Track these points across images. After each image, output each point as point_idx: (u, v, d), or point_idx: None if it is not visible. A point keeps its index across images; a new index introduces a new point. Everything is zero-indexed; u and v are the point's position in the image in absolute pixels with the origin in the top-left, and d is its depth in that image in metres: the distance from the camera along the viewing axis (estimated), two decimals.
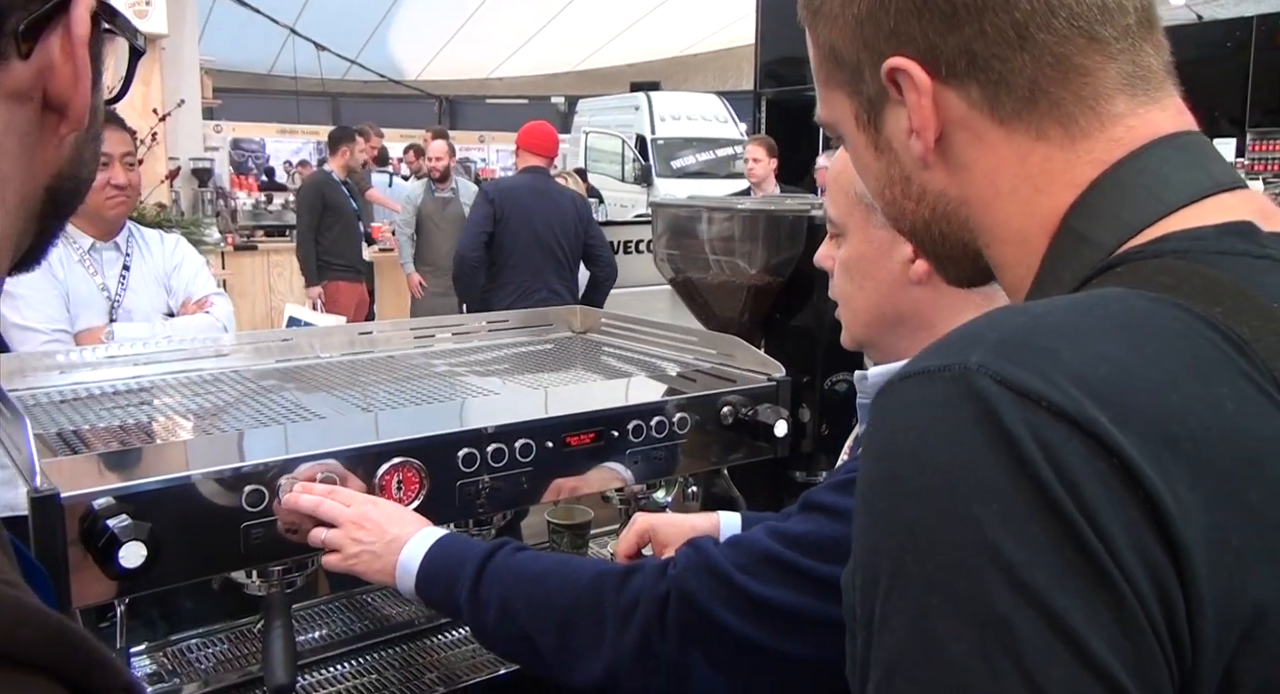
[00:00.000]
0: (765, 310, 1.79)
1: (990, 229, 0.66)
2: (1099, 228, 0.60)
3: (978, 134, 0.64)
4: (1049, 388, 0.49)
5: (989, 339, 0.52)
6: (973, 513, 0.48)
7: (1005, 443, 0.48)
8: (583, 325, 2.12)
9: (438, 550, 1.15)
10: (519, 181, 4.86)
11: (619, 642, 1.03)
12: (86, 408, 1.45)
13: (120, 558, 1.01)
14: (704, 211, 1.90)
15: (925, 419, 0.52)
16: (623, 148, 13.44)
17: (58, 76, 0.49)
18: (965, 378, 0.51)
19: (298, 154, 13.42)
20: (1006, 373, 0.50)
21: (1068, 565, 0.47)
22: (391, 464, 1.23)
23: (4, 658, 0.38)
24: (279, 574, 1.25)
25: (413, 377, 1.67)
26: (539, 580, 1.09)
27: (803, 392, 1.68)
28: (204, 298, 2.52)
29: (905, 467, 0.52)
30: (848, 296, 1.14)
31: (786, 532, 1.03)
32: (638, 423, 1.43)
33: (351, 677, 1.41)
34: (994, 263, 0.68)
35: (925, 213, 0.69)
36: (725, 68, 16.70)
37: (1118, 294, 0.55)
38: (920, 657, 0.49)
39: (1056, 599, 0.46)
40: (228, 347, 1.77)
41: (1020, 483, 0.48)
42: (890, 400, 0.54)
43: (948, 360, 0.52)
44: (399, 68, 18.70)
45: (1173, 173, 0.61)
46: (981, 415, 0.49)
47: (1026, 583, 0.47)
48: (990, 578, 0.47)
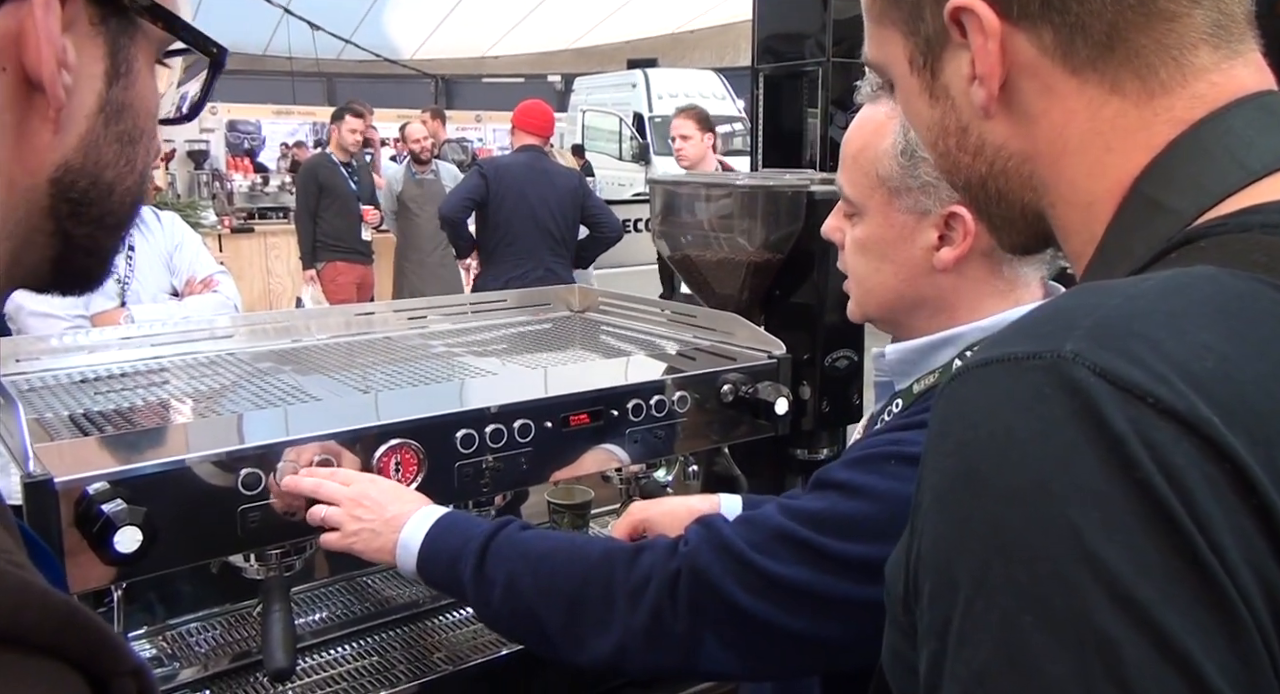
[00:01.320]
0: (765, 287, 1.78)
1: (1056, 187, 0.60)
2: (1176, 194, 0.55)
3: (1047, 83, 0.58)
4: (1155, 382, 0.44)
5: (1083, 324, 0.47)
6: (1070, 518, 0.43)
7: (1107, 442, 0.44)
8: (581, 304, 2.11)
9: (440, 529, 1.14)
10: (515, 160, 4.84)
11: (630, 620, 1.02)
12: (81, 392, 1.43)
13: (115, 543, 1.00)
14: (702, 188, 1.87)
15: (1013, 411, 0.47)
16: (620, 126, 13.38)
17: (29, 47, 0.46)
18: (1059, 367, 0.46)
19: (294, 135, 13.36)
20: (1107, 363, 0.45)
21: (1178, 580, 0.42)
22: (389, 446, 1.22)
23: (11, 640, 0.37)
24: (277, 557, 1.24)
25: (410, 358, 1.66)
26: (546, 559, 1.08)
27: (803, 369, 1.67)
28: (209, 277, 2.51)
29: (989, 463, 0.47)
30: (862, 275, 1.11)
31: (800, 509, 1.01)
32: (637, 402, 1.42)
33: (352, 659, 1.41)
34: (1057, 226, 0.62)
35: (982, 168, 0.63)
36: (723, 44, 16.59)
37: (1211, 274, 0.50)
38: (1011, 677, 0.44)
39: (1166, 617, 0.42)
40: (223, 329, 1.75)
41: (1125, 487, 0.43)
42: (969, 388, 0.50)
43: (1038, 346, 0.47)
44: (394, 47, 18.58)
45: (1257, 136, 0.55)
46: (1080, 410, 0.45)
47: (1132, 598, 0.42)
48: (1091, 592, 0.43)
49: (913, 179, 1.02)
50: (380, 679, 1.35)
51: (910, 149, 1.01)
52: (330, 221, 6.26)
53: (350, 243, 6.35)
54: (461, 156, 9.53)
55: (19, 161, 0.48)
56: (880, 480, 0.96)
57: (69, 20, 0.48)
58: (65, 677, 0.39)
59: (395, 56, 18.63)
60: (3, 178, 0.48)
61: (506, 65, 19.59)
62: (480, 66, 19.94)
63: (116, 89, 0.51)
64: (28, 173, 0.49)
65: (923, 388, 1.07)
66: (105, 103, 0.51)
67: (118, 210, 0.54)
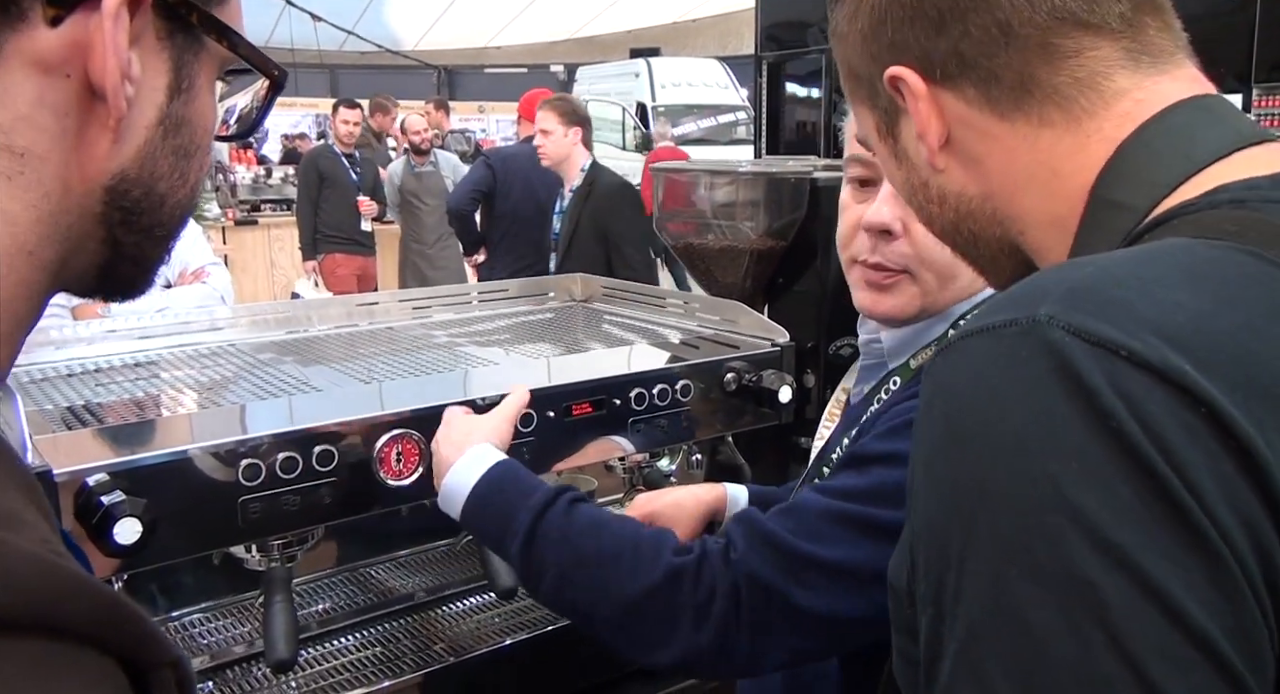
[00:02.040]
0: (768, 275, 1.77)
1: (1021, 216, 0.65)
2: (1130, 192, 0.59)
3: (982, 130, 0.64)
4: (1127, 336, 0.46)
5: (1056, 291, 0.50)
6: (1050, 471, 0.45)
7: (1084, 396, 0.46)
8: (583, 293, 2.10)
9: (487, 485, 1.09)
10: (521, 150, 4.82)
11: (695, 637, 1.00)
12: (81, 384, 1.43)
13: (115, 534, 0.99)
14: (704, 175, 1.86)
15: (994, 375, 0.49)
16: (623, 115, 13.35)
17: (95, 57, 0.47)
18: (1036, 331, 0.48)
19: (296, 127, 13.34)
20: (1080, 323, 0.47)
21: (1157, 523, 0.44)
22: (391, 436, 1.21)
23: (57, 630, 0.38)
24: (279, 548, 1.24)
25: (412, 348, 1.65)
26: (604, 559, 1.03)
27: (807, 356, 1.66)
28: (200, 268, 2.48)
29: (973, 426, 0.49)
30: (951, 260, 1.03)
31: (845, 487, 1.00)
32: (640, 391, 1.41)
33: (354, 650, 1.41)
34: (1031, 249, 0.66)
35: (950, 214, 0.69)
36: (726, 33, 16.53)
37: (1181, 243, 0.53)
38: (1000, 627, 0.46)
39: (1146, 560, 0.43)
40: (225, 320, 1.75)
41: (1102, 438, 0.45)
42: (952, 359, 0.52)
43: (1014, 314, 0.50)
44: (396, 38, 18.56)
45: (1198, 130, 0.59)
46: (1056, 368, 0.47)
47: (1113, 543, 0.44)
48: (1073, 540, 0.44)
49: None
50: (383, 670, 1.35)
51: None
52: (330, 213, 6.25)
53: (350, 234, 6.34)
54: (465, 147, 9.51)
55: (77, 167, 0.49)
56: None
57: (136, 34, 0.49)
58: (107, 668, 0.39)
59: (397, 47, 18.61)
60: (60, 182, 0.48)
61: (509, 55, 19.55)
62: (482, 57, 19.90)
63: (177, 103, 0.53)
64: (84, 179, 0.50)
65: (920, 362, 1.08)
66: (165, 116, 0.52)
67: (167, 222, 0.55)
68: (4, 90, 0.46)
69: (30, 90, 0.46)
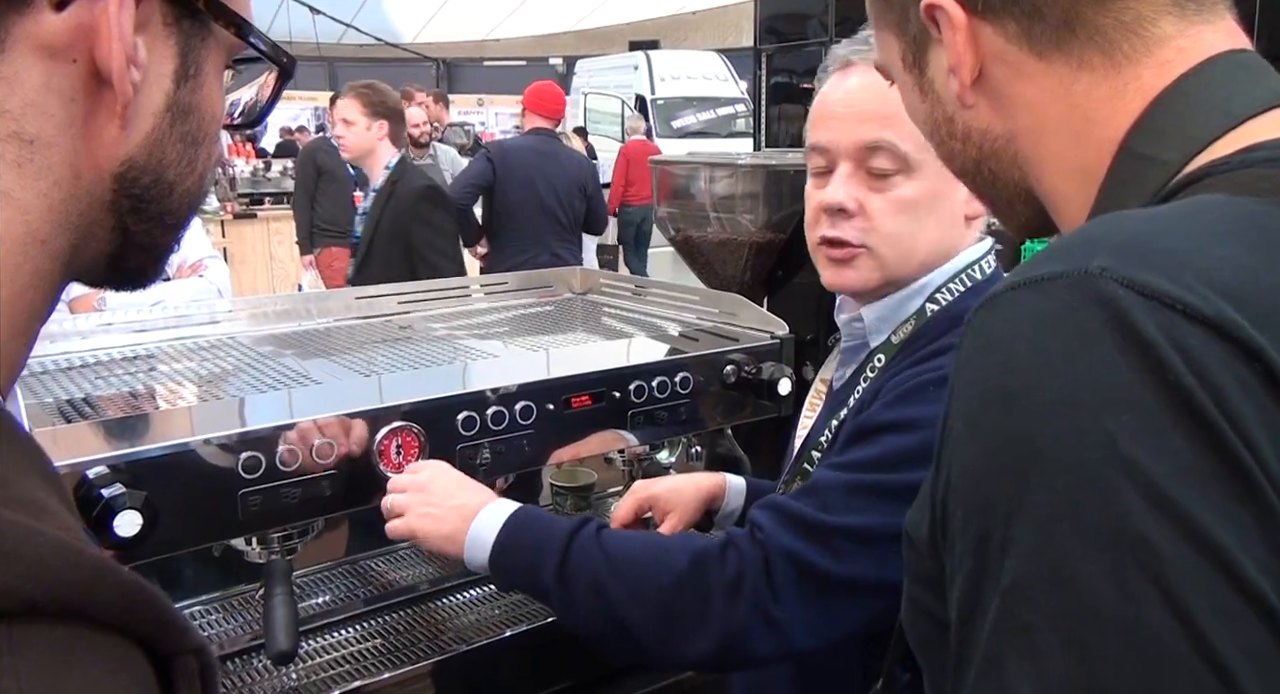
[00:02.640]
0: (767, 268, 1.77)
1: (1044, 161, 0.63)
2: (1163, 146, 0.57)
3: (1017, 68, 0.62)
4: (1183, 290, 0.45)
5: (1107, 243, 0.49)
6: (1104, 426, 0.44)
7: (1139, 349, 0.45)
8: (583, 286, 2.10)
9: (517, 523, 1.11)
10: (523, 143, 4.80)
11: (730, 615, 1.01)
12: (81, 376, 1.43)
13: (116, 527, 0.99)
14: (704, 168, 1.86)
15: (1045, 328, 0.48)
16: (622, 108, 13.33)
17: (101, 42, 0.47)
18: (1088, 283, 0.47)
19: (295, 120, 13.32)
20: (1134, 275, 0.46)
21: (1214, 479, 0.43)
22: (391, 428, 1.21)
23: (81, 616, 0.38)
24: (279, 541, 1.24)
25: (411, 340, 1.65)
26: (633, 561, 1.05)
27: (806, 349, 1.66)
28: (197, 261, 2.46)
29: (1021, 380, 0.48)
30: (904, 235, 1.10)
31: (857, 460, 1.03)
32: (640, 383, 1.42)
33: (355, 642, 1.41)
34: (1050, 198, 0.64)
35: (973, 153, 0.67)
36: (725, 25, 16.50)
37: (1222, 200, 0.52)
38: (1049, 583, 0.45)
39: (1201, 515, 0.43)
40: (224, 313, 1.74)
41: (1158, 392, 0.44)
42: (999, 311, 0.50)
43: (1065, 266, 0.48)
44: (395, 31, 18.52)
45: (1237, 85, 0.58)
46: (1110, 320, 0.46)
47: (1168, 498, 0.43)
48: (1127, 494, 0.43)
49: None
50: (383, 662, 1.35)
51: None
52: (327, 206, 6.24)
53: (346, 227, 6.32)
54: (464, 140, 9.49)
55: (86, 154, 0.49)
56: (928, 407, 0.98)
57: (143, 19, 0.49)
58: (131, 654, 0.40)
59: (396, 40, 18.57)
60: (69, 169, 0.48)
61: (508, 48, 19.52)
62: (481, 49, 19.87)
63: (184, 90, 0.52)
64: (93, 166, 0.49)
65: (902, 337, 1.10)
66: (173, 103, 0.52)
67: (177, 210, 0.55)
68: (13, 76, 0.45)
69: (37, 76, 0.46)
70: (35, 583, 0.37)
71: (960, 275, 1.11)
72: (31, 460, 0.44)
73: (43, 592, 0.37)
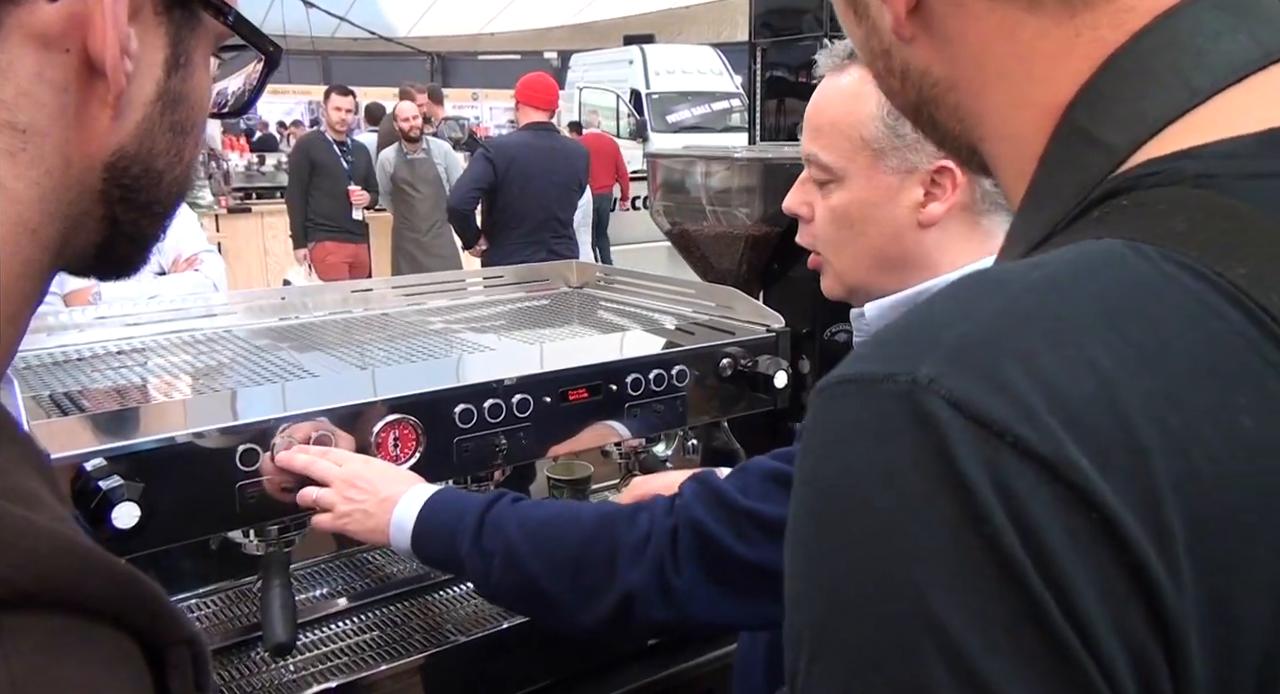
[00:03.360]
0: (763, 261, 1.77)
1: (983, 120, 0.55)
2: (1109, 124, 0.48)
3: (958, 2, 0.52)
4: (1018, 418, 0.38)
5: (948, 339, 0.41)
6: (913, 577, 0.38)
7: (955, 488, 0.38)
8: (579, 280, 2.10)
9: (433, 506, 1.14)
10: (520, 140, 4.76)
11: (631, 576, 1.02)
12: (77, 370, 1.43)
13: (113, 519, 0.99)
14: (700, 161, 1.87)
15: (859, 446, 0.41)
16: (617, 103, 13.32)
17: (94, 31, 0.47)
18: (912, 395, 0.39)
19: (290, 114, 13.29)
20: (964, 393, 0.38)
21: (1028, 656, 0.37)
22: (387, 421, 1.22)
23: (76, 606, 0.38)
24: (276, 533, 1.24)
25: (408, 334, 1.65)
26: (544, 525, 1.08)
27: (802, 342, 1.67)
28: (193, 255, 2.44)
29: (832, 506, 0.42)
30: (841, 244, 1.10)
31: (789, 451, 1.03)
32: (636, 376, 1.42)
33: (352, 634, 1.41)
34: (991, 162, 0.56)
35: (912, 95, 0.58)
36: (720, 19, 16.49)
37: (1117, 257, 0.42)
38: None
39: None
40: (220, 306, 1.74)
41: (974, 544, 0.37)
42: (822, 410, 0.43)
43: (894, 366, 0.40)
44: (389, 25, 18.48)
45: (1208, 43, 0.47)
46: (927, 448, 0.39)
47: (977, 674, 0.37)
48: (933, 663, 0.38)
49: (899, 139, 1.02)
50: (381, 654, 1.36)
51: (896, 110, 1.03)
52: (321, 201, 6.23)
53: (340, 222, 6.31)
54: (459, 134, 9.48)
55: (77, 144, 0.49)
56: None
57: (135, 8, 0.49)
58: (124, 645, 0.40)
59: (390, 34, 18.53)
60: (60, 158, 0.48)
61: (502, 42, 19.48)
62: (476, 43, 19.83)
63: (175, 79, 0.52)
64: (84, 156, 0.49)
65: None
66: (163, 92, 0.52)
67: (165, 199, 0.54)
68: (6, 65, 0.45)
69: (30, 65, 0.46)
70: (29, 573, 0.37)
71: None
72: (25, 453, 0.44)
73: (36, 581, 0.37)
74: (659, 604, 1.02)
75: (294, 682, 1.30)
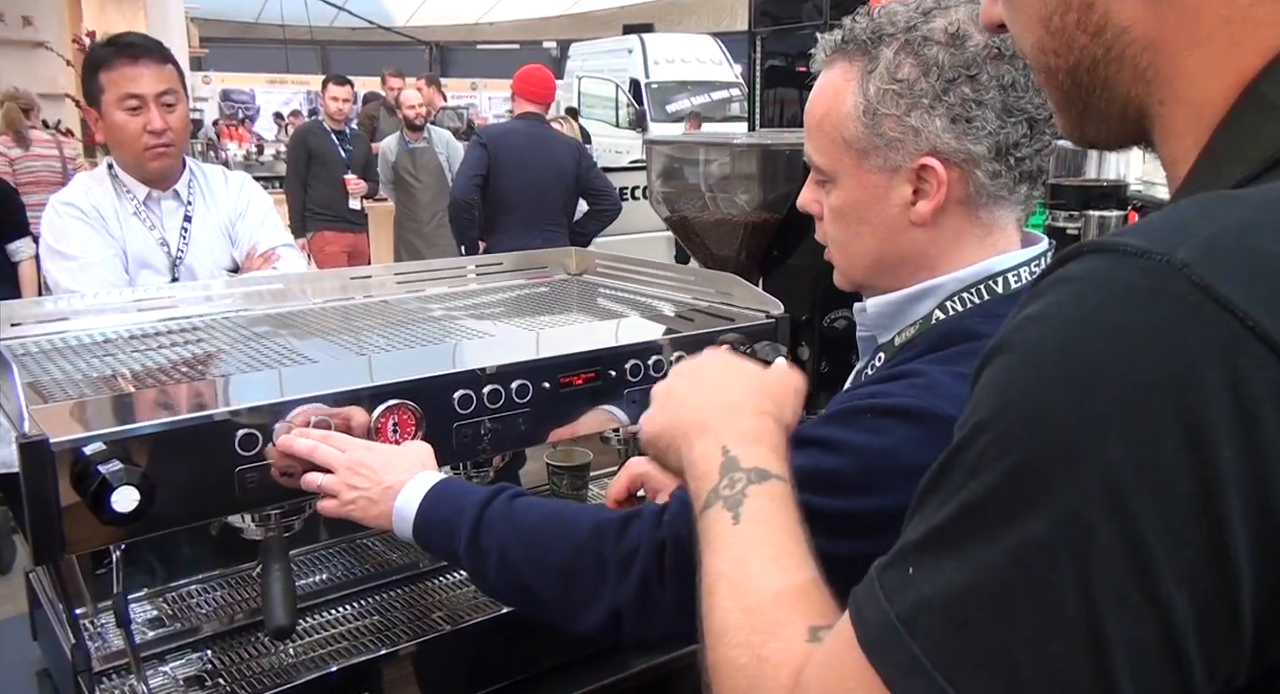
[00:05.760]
0: (762, 247, 1.77)
1: (1171, 82, 0.56)
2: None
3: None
4: (1254, 305, 0.44)
5: (1200, 232, 0.47)
6: (1104, 416, 0.45)
7: (1185, 356, 0.44)
8: (578, 267, 2.10)
9: (433, 498, 1.14)
10: (514, 128, 4.78)
11: (620, 589, 1.01)
12: (77, 356, 1.43)
13: (113, 503, 0.99)
14: (699, 148, 1.86)
15: (1106, 299, 0.47)
16: (616, 92, 13.30)
17: None
18: (1165, 272, 0.45)
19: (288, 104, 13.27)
20: (1212, 279, 0.45)
21: (1173, 503, 0.44)
22: (387, 406, 1.22)
23: None
24: (276, 518, 1.24)
25: (407, 321, 1.65)
26: (537, 531, 1.08)
27: (801, 329, 1.67)
28: (270, 250, 2.21)
29: (1062, 338, 0.48)
30: (843, 242, 1.09)
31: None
32: (635, 362, 1.42)
33: (352, 619, 1.42)
34: (1160, 126, 0.58)
35: (1098, 51, 0.58)
36: (719, 8, 16.44)
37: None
38: (995, 520, 0.48)
39: (1146, 524, 0.44)
40: (219, 293, 1.74)
41: (1176, 402, 0.44)
42: (1075, 269, 0.49)
43: (1151, 244, 0.47)
44: (387, 14, 18.42)
45: None
46: (1171, 318, 0.45)
47: (1126, 502, 0.44)
48: (1089, 484, 0.45)
49: (878, 137, 1.00)
50: (380, 638, 1.36)
51: (871, 108, 0.99)
52: (319, 190, 6.22)
53: (338, 211, 6.30)
54: (458, 124, 9.46)
55: None
56: (856, 434, 0.95)
57: None
58: None
59: (389, 23, 18.47)
60: None
61: (501, 32, 19.43)
62: (474, 33, 19.78)
63: None
64: None
65: (904, 340, 1.06)
66: None
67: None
68: None
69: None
70: None
71: (980, 285, 1.03)
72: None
73: None
74: (647, 618, 1.01)
75: (295, 665, 1.30)
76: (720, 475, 0.83)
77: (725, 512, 0.79)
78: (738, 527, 0.77)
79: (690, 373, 1.01)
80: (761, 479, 0.82)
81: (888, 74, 0.98)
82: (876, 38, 0.99)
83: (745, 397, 0.94)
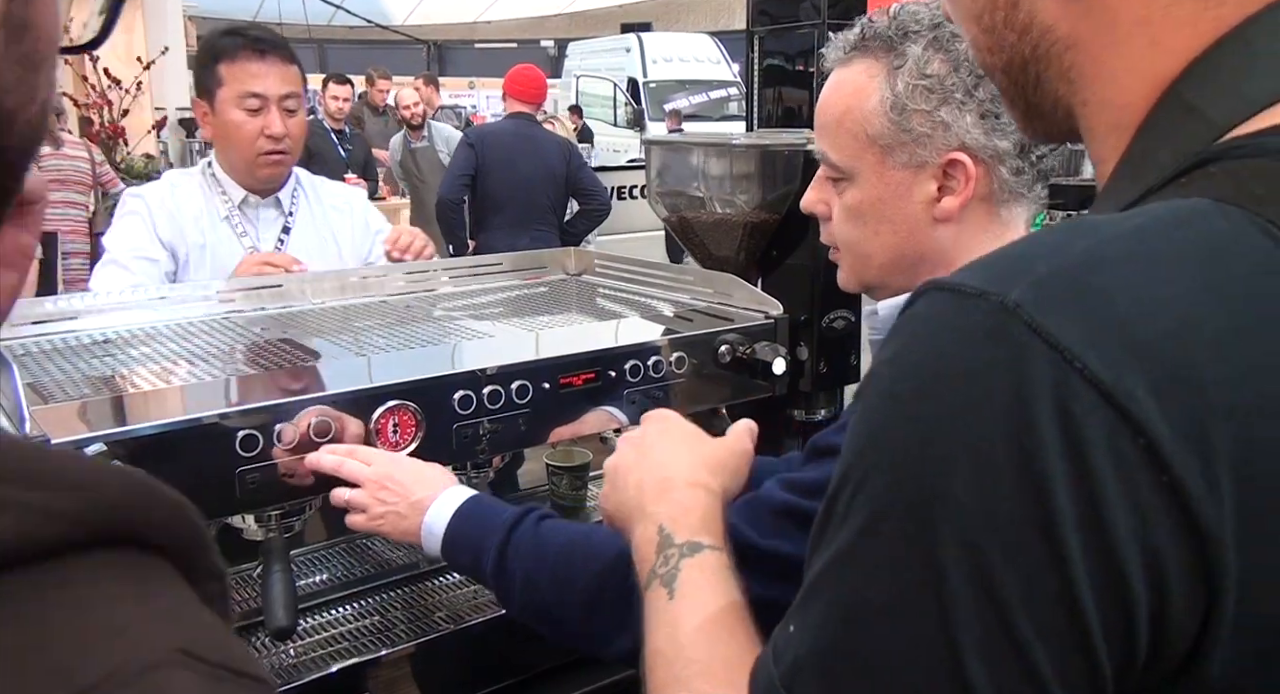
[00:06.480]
0: (761, 248, 1.77)
1: (1092, 82, 0.56)
2: (1212, 100, 0.51)
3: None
4: (1087, 346, 0.43)
5: (1038, 270, 0.46)
6: (950, 457, 0.45)
7: (1019, 401, 0.44)
8: (577, 267, 2.10)
9: (462, 517, 1.14)
10: (503, 127, 4.80)
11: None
12: (77, 356, 1.43)
13: None
14: (698, 148, 1.86)
15: (946, 343, 0.47)
16: (614, 91, 13.30)
17: None
18: (999, 314, 0.45)
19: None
20: (1045, 321, 0.44)
21: (1023, 546, 0.44)
22: (387, 407, 1.22)
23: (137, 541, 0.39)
24: (277, 518, 1.25)
25: (407, 321, 1.65)
26: (563, 558, 1.07)
27: (801, 329, 1.67)
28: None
29: (909, 384, 0.48)
30: (856, 241, 1.08)
31: (800, 481, 1.00)
32: (635, 363, 1.42)
33: (352, 619, 1.42)
34: (1085, 126, 0.58)
35: (1026, 50, 0.58)
36: (717, 7, 16.44)
37: (1202, 212, 0.47)
38: (858, 570, 0.49)
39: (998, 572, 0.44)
40: (220, 293, 1.74)
41: (1009, 450, 0.44)
42: (921, 308, 0.50)
43: (988, 285, 0.46)
44: (385, 13, 18.40)
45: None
46: (1003, 362, 0.44)
47: (976, 547, 0.44)
48: (939, 529, 0.45)
49: (906, 133, 0.99)
50: (381, 639, 1.36)
51: (900, 103, 0.99)
52: None
53: None
54: (455, 123, 9.45)
55: None
56: None
57: None
58: (175, 575, 0.41)
59: (386, 22, 18.46)
60: None
61: (499, 30, 19.42)
62: (472, 32, 19.76)
63: (18, 3, 0.45)
64: None
65: None
66: (6, 18, 0.45)
67: (20, 144, 0.47)
68: None
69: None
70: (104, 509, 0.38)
71: None
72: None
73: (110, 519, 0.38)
74: None
75: (295, 666, 1.30)
76: (656, 554, 0.85)
77: (662, 589, 0.80)
78: (671, 602, 0.78)
79: (634, 448, 1.02)
80: (694, 552, 0.83)
81: (917, 69, 0.98)
82: (902, 34, 0.99)
83: (679, 471, 0.95)
